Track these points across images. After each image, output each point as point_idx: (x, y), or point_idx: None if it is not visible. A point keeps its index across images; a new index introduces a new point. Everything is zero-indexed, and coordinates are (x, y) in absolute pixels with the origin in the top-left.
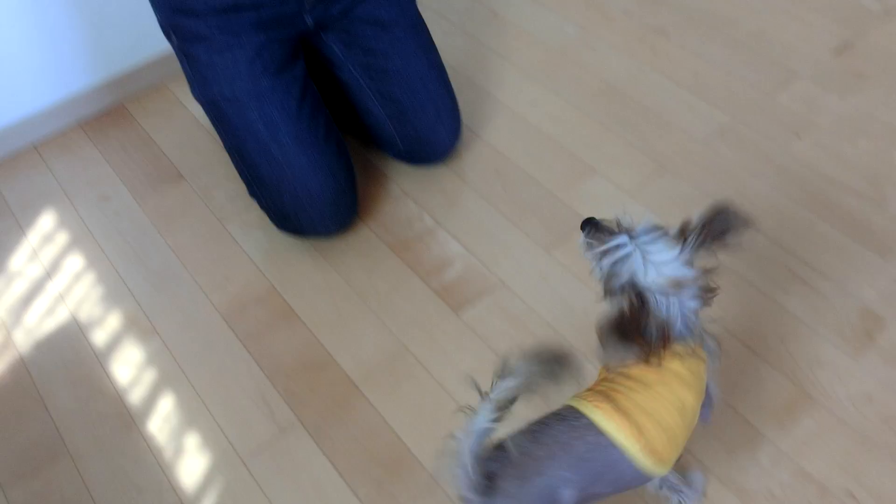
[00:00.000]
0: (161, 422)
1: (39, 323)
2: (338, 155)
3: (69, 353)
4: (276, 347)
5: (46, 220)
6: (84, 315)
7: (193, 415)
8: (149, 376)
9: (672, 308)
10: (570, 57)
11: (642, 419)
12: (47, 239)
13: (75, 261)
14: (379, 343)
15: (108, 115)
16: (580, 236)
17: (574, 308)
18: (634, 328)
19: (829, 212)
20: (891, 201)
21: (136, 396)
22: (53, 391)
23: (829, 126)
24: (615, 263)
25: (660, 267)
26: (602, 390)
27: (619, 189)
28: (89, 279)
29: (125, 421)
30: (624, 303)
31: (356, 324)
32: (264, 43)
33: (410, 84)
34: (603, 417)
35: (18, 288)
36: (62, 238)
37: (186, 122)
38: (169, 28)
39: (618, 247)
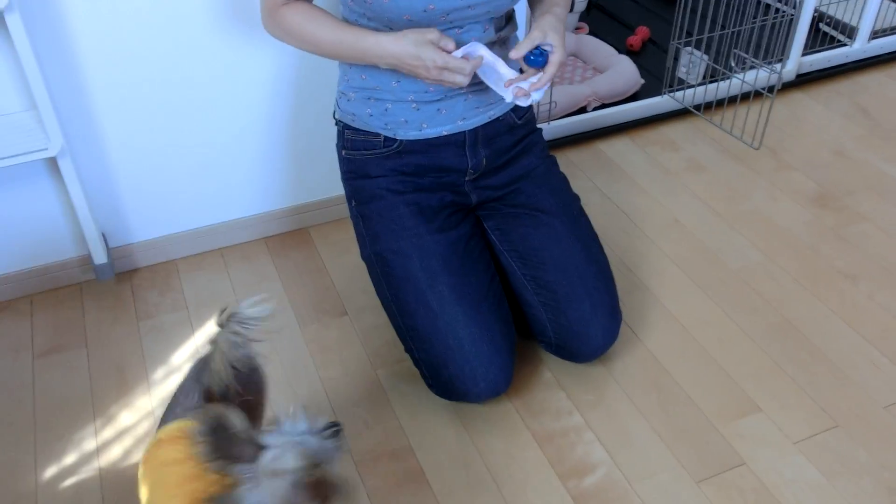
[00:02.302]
0: None
1: None
2: (496, 315)
3: None
4: None
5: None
6: None
7: None
8: None
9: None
10: (750, 283)
11: None
12: None
13: None
14: None
15: (292, 235)
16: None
17: None
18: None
19: None
20: None
21: None
22: None
23: None
24: None
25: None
26: None
27: (784, 435)
28: None
29: None
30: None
31: None
32: (431, 204)
33: (567, 274)
34: None
35: (174, 382)
36: None
37: (361, 261)
38: (351, 195)
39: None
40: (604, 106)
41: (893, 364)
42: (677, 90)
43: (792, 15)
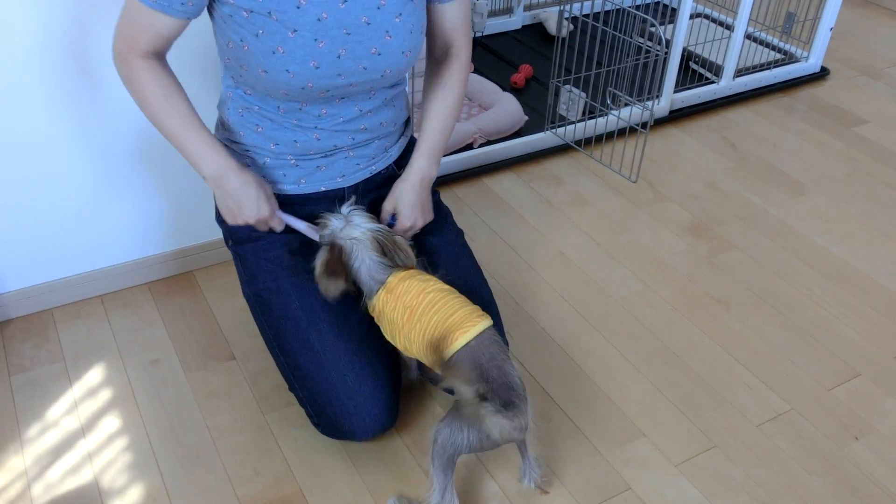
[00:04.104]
0: None
1: (61, 480)
2: (379, 351)
3: None
4: None
5: (94, 374)
6: (107, 481)
7: None
8: None
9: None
10: (631, 311)
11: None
12: (91, 393)
13: (112, 421)
14: None
15: (176, 279)
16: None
17: None
18: (339, 269)
19: None
20: None
21: None
22: None
23: (889, 433)
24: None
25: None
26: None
27: (666, 458)
28: (121, 444)
29: None
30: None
31: None
32: (308, 243)
33: None
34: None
35: (50, 439)
36: (105, 395)
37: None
38: (228, 235)
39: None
40: (489, 142)
41: (764, 384)
42: (559, 126)
43: (665, 54)
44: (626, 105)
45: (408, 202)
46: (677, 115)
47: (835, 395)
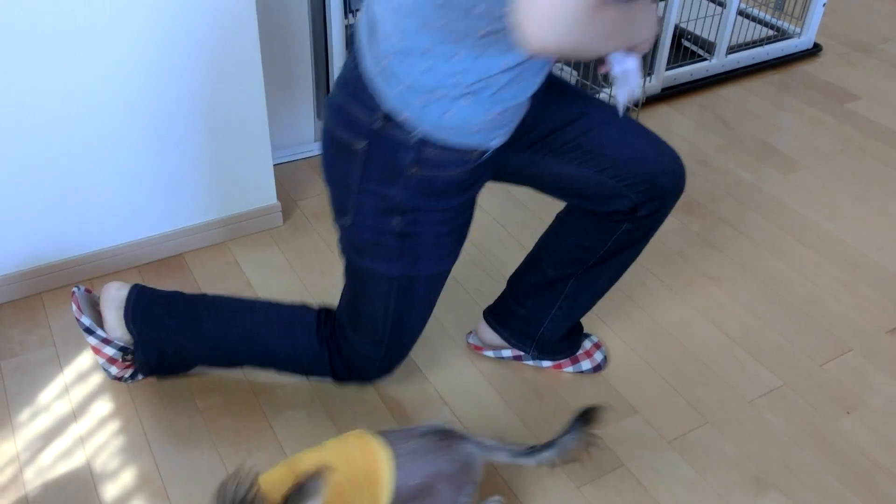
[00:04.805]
0: None
1: (53, 464)
2: None
3: (75, 503)
4: None
5: (85, 358)
6: (99, 464)
7: None
8: None
9: None
10: (624, 290)
11: None
12: (82, 377)
13: (103, 405)
14: None
15: (166, 263)
16: None
17: None
18: None
19: (875, 500)
20: None
21: None
22: None
23: (881, 407)
24: None
25: None
26: None
27: (658, 434)
28: (113, 427)
29: None
30: None
31: None
32: (468, 213)
33: (612, 138)
34: None
35: (42, 423)
36: (96, 378)
37: (239, 283)
38: (405, 210)
39: None
40: None
41: (756, 360)
42: None
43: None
44: None
45: None
46: (669, 93)
47: (826, 370)
